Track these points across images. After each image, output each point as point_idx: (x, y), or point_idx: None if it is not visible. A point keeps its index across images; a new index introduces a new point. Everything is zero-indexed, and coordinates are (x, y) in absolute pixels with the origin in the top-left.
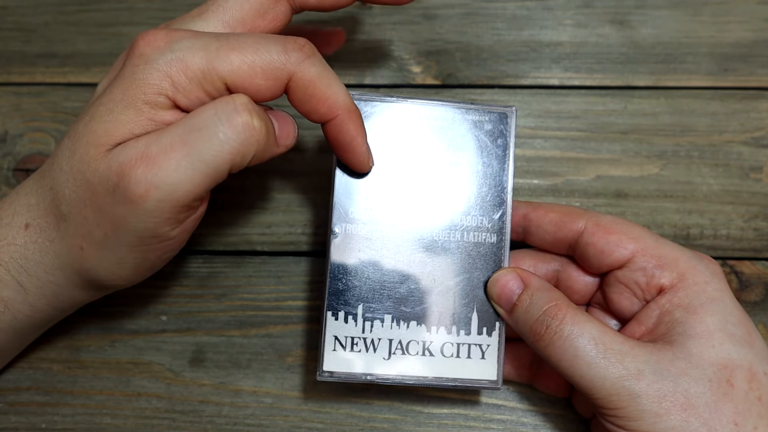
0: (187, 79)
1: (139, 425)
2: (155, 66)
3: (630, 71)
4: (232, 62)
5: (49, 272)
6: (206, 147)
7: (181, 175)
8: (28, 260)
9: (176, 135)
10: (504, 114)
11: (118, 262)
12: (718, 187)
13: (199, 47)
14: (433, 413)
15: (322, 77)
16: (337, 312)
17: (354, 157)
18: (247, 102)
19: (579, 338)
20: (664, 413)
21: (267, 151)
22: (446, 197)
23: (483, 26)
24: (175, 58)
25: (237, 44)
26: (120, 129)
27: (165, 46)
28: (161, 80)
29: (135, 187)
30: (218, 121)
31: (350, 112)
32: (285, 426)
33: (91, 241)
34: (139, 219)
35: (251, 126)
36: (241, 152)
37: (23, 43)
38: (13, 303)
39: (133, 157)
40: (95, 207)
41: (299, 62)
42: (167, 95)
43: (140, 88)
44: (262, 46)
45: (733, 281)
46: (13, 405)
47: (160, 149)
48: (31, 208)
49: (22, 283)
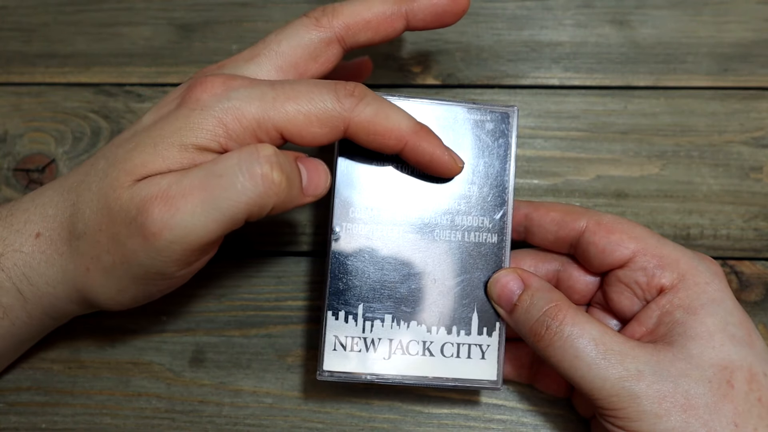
0: (241, 127)
1: (139, 425)
2: (211, 113)
3: (630, 71)
4: (288, 112)
5: (50, 284)
6: (223, 195)
7: (195, 221)
8: (32, 269)
9: (196, 179)
10: (505, 114)
11: (120, 290)
12: (718, 187)
13: (255, 97)
14: (433, 413)
15: (378, 114)
16: (337, 312)
17: (442, 169)
18: (272, 154)
19: (579, 339)
20: (664, 414)
21: (290, 202)
22: (447, 197)
23: (483, 26)
24: (232, 106)
25: (293, 94)
26: (158, 163)
27: (222, 94)
28: (216, 126)
29: (150, 225)
30: (239, 170)
31: (418, 133)
32: (285, 426)
33: (98, 265)
34: (149, 256)
35: (270, 179)
36: (258, 204)
37: (23, 43)
38: (11, 309)
39: (154, 194)
40: (110, 234)
41: (353, 108)
42: (219, 142)
43: (193, 132)
44: (316, 96)
45: (733, 281)
46: (13, 405)
47: (179, 191)
48: (47, 219)
49: (22, 291)
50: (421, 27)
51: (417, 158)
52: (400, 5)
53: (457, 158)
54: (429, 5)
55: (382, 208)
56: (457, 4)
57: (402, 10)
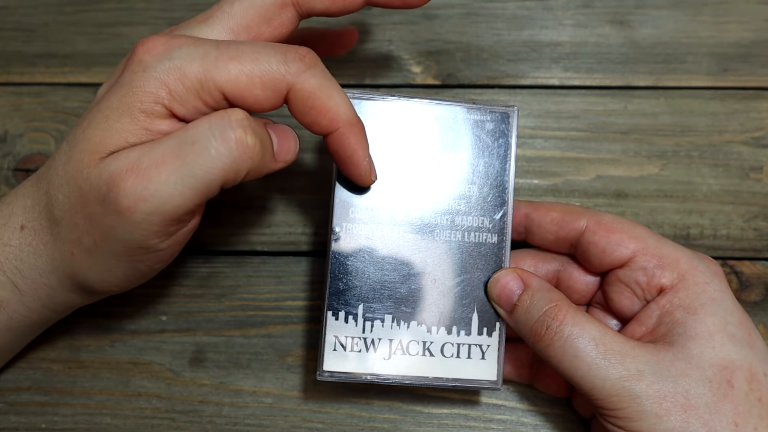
0: (184, 88)
1: (139, 425)
2: (152, 74)
3: (630, 71)
4: (230, 72)
5: (42, 275)
6: (197, 162)
7: (170, 189)
8: (23, 262)
9: (168, 147)
10: (505, 114)
11: (108, 269)
12: (718, 187)
13: (197, 56)
14: (433, 413)
15: (323, 88)
16: (337, 312)
17: (355, 171)
18: (243, 118)
19: (579, 339)
20: (664, 414)
21: (263, 167)
22: (447, 197)
23: (483, 26)
24: (173, 66)
25: (236, 53)
26: (115, 137)
27: (164, 54)
28: (158, 88)
29: (123, 199)
30: (211, 136)
31: (352, 125)
32: (285, 426)
33: (81, 247)
34: (127, 230)
35: (245, 143)
36: (233, 169)
37: (23, 43)
38: (8, 303)
39: (123, 168)
40: (85, 215)
41: (299, 73)
42: (164, 104)
43: (136, 96)
44: (262, 56)
45: (733, 281)
46: (13, 405)
47: (151, 161)
48: (27, 210)
49: (17, 284)
50: (382, 3)
51: (339, 149)
52: None
53: (373, 170)
54: None
55: (382, 208)
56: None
57: None
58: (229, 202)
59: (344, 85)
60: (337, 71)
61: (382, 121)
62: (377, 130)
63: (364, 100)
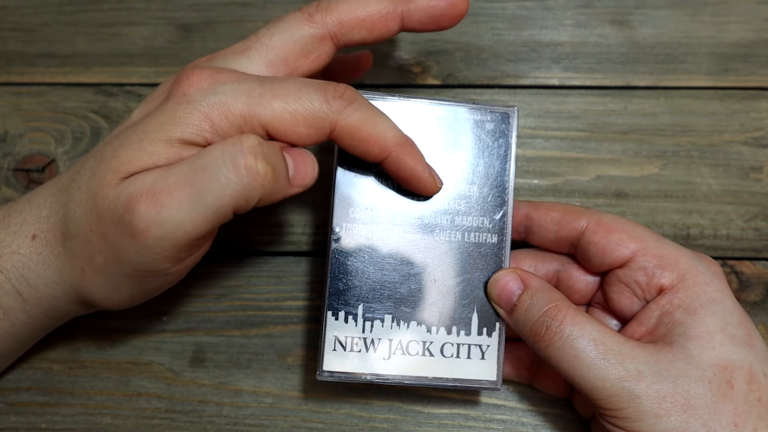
0: (227, 122)
1: (139, 425)
2: (197, 107)
3: (630, 71)
4: (275, 110)
5: (49, 285)
6: (208, 189)
7: (182, 216)
8: (31, 271)
9: (181, 173)
10: (506, 114)
11: (115, 288)
12: (718, 187)
13: (242, 92)
14: (433, 413)
15: (366, 121)
16: (337, 312)
17: (420, 186)
18: (255, 144)
19: (579, 339)
20: (664, 414)
21: (276, 193)
22: (447, 197)
23: (483, 26)
24: (218, 101)
25: (280, 91)
26: (144, 159)
27: (209, 88)
28: (202, 121)
29: (138, 222)
30: (222, 163)
31: (402, 145)
32: (285, 426)
33: (92, 265)
34: (139, 254)
35: (255, 170)
36: (244, 196)
37: (23, 43)
38: (11, 311)
39: (140, 192)
40: (100, 233)
41: (341, 110)
42: (205, 137)
43: (178, 126)
44: (304, 95)
45: (733, 281)
46: (13, 405)
47: (165, 187)
48: (41, 220)
49: (21, 292)
50: (417, 29)
51: (398, 171)
52: (396, 5)
53: (437, 178)
54: (426, 7)
55: (382, 208)
56: (455, 8)
57: (398, 10)
58: None
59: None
60: None
61: None
62: None
63: None
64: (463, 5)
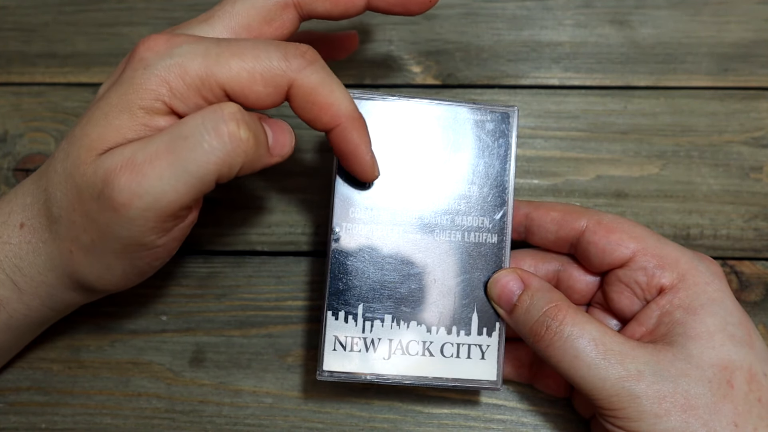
0: (185, 85)
1: (139, 425)
2: (154, 71)
3: (630, 71)
4: (231, 69)
5: (42, 273)
6: (191, 157)
7: (164, 185)
8: (22, 260)
9: (162, 143)
10: (506, 114)
11: (107, 267)
12: (718, 187)
13: (198, 53)
14: (433, 413)
15: (324, 84)
16: (337, 312)
17: (358, 166)
18: (236, 111)
19: (579, 339)
20: (664, 414)
21: (258, 161)
22: (447, 197)
23: (483, 26)
24: (174, 63)
25: (237, 50)
26: (113, 134)
27: (165, 51)
28: (159, 85)
29: (118, 195)
30: (204, 130)
31: (354, 120)
32: (285, 426)
33: (79, 245)
34: (123, 227)
35: (237, 136)
36: (227, 163)
37: (23, 43)
38: (8, 302)
39: (118, 164)
40: (82, 212)
41: (300, 69)
42: (164, 101)
43: (137, 93)
44: (263, 53)
45: (733, 281)
46: (13, 405)
47: (145, 157)
48: (27, 208)
49: (16, 282)
50: (383, 9)
51: (341, 145)
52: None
53: (377, 166)
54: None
55: (381, 208)
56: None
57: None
58: (229, 202)
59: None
60: (338, 71)
61: (382, 121)
62: (377, 130)
63: (364, 100)
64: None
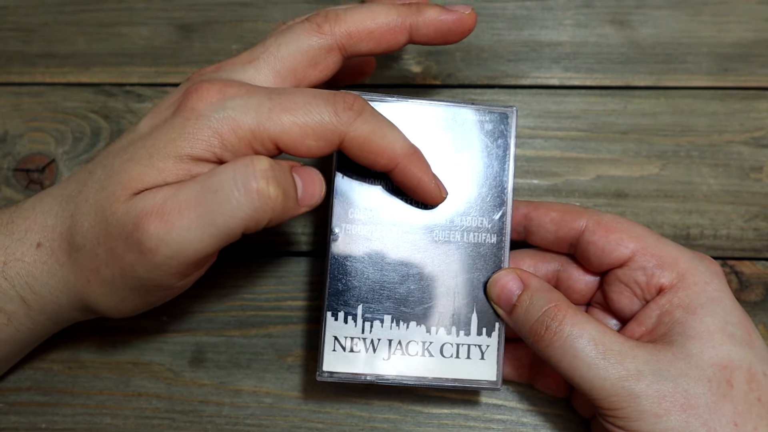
0: (237, 138)
1: (139, 425)
2: (206, 123)
3: (630, 71)
4: (284, 124)
5: (53, 294)
6: (219, 211)
7: (191, 236)
8: (35, 279)
9: (192, 193)
10: (505, 114)
11: (120, 300)
12: (718, 187)
13: (251, 107)
14: (433, 413)
15: (375, 132)
16: (336, 312)
17: (426, 196)
18: (267, 168)
19: (578, 339)
20: (663, 414)
21: (285, 214)
22: (446, 197)
23: (483, 26)
24: (227, 116)
25: (289, 105)
26: (153, 175)
27: (218, 103)
28: (211, 137)
29: (147, 241)
30: (234, 186)
31: (410, 156)
32: (285, 426)
33: (98, 277)
34: (147, 270)
35: (267, 194)
36: (254, 219)
37: (23, 43)
38: (16, 316)
39: (150, 210)
40: (108, 248)
41: (351, 122)
42: (215, 152)
43: (188, 142)
44: (314, 108)
45: (733, 281)
46: (13, 405)
47: (175, 206)
48: (47, 229)
49: (25, 299)
50: (424, 42)
51: (405, 181)
52: (404, 18)
53: (442, 188)
54: (434, 22)
55: (381, 209)
56: (463, 24)
57: (406, 23)
58: None
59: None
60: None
61: None
62: None
63: None
64: (471, 21)
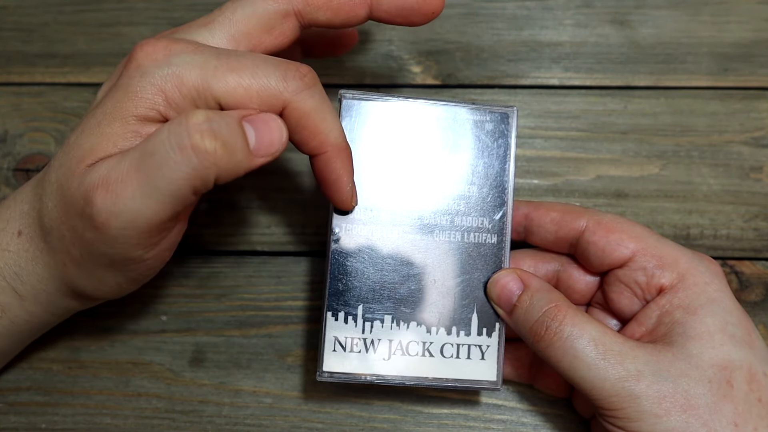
0: (180, 95)
1: (139, 425)
2: (150, 80)
3: (630, 71)
4: (228, 83)
5: (41, 281)
6: (158, 174)
7: (138, 204)
8: (22, 268)
9: (132, 160)
10: (505, 114)
11: (99, 279)
12: (718, 187)
13: (197, 64)
14: (433, 413)
15: (317, 110)
16: (337, 312)
17: (337, 196)
18: (201, 122)
19: (579, 339)
20: (664, 414)
21: (237, 167)
22: (447, 197)
23: (483, 26)
24: (171, 73)
25: (236, 65)
26: (104, 143)
27: (163, 59)
28: (154, 95)
29: (97, 215)
30: (169, 147)
31: (340, 150)
32: (285, 426)
33: (70, 258)
34: (107, 245)
35: (203, 149)
36: (197, 177)
37: (23, 43)
38: (10, 308)
39: (96, 182)
40: (69, 227)
41: (297, 92)
42: (159, 110)
43: (132, 102)
44: (261, 70)
45: (733, 281)
46: (13, 405)
47: (118, 176)
48: (24, 216)
49: (17, 289)
50: (385, 19)
51: (324, 173)
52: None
53: (355, 197)
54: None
55: (381, 209)
56: (427, 5)
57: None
58: (230, 202)
59: (344, 85)
60: (337, 71)
61: (381, 122)
62: (377, 131)
63: (364, 101)
64: (437, 4)
